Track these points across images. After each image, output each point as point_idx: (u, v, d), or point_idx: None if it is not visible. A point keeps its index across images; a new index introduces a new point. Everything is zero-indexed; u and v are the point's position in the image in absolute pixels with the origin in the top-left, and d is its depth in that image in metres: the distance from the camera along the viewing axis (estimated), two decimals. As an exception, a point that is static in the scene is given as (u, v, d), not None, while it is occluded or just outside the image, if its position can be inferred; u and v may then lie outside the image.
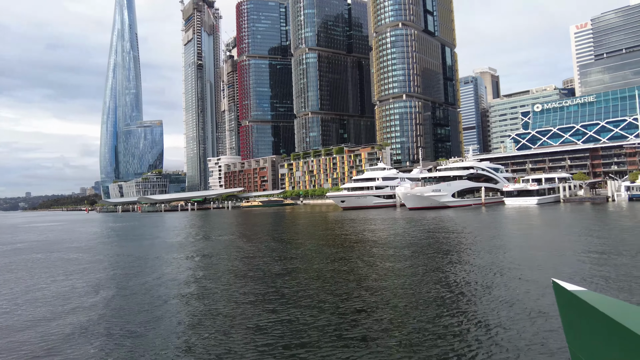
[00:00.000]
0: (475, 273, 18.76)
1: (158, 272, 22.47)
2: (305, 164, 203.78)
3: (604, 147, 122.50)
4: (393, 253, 26.12)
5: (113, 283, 19.98)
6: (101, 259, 29.67)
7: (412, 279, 18.17)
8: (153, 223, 79.54)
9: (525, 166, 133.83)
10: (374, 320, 12.51)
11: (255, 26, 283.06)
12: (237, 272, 21.72)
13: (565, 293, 3.54)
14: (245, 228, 55.70)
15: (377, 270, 20.57)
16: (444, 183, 75.23)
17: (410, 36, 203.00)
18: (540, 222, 45.13)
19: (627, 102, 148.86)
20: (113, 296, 17.21)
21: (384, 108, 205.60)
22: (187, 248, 33.98)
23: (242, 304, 15.04)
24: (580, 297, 3.35)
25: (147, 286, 18.85)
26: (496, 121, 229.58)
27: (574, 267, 19.05)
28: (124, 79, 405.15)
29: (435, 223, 48.11)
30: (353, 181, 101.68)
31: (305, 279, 19.16)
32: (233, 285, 18.46)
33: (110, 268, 25.08)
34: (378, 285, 17.23)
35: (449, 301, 14.33)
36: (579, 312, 3.38)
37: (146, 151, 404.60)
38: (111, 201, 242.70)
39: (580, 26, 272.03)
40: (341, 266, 22.11)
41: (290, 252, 28.76)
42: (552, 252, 23.61)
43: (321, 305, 14.33)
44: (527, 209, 66.11)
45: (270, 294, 16.39)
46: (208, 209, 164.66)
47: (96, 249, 36.74)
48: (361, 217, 64.78)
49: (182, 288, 18.18)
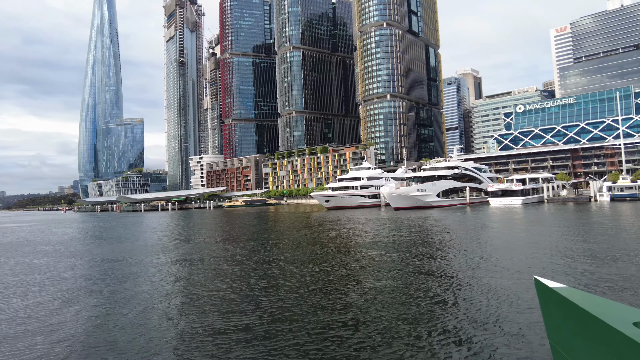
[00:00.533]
0: (462, 274, 18.58)
1: (131, 282, 20.62)
2: (289, 164, 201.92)
3: (584, 148, 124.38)
4: (379, 258, 24.79)
5: (80, 296, 18.03)
6: (69, 265, 27.54)
7: (399, 286, 16.84)
8: (131, 224, 76.76)
9: (508, 166, 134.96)
10: (360, 337, 11.08)
11: (239, 23, 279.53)
12: (218, 280, 20.06)
13: (546, 290, 3.64)
14: (227, 230, 53.82)
15: (362, 277, 19.20)
16: (429, 183, 74.62)
17: (394, 36, 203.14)
18: (525, 223, 44.58)
19: (605, 104, 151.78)
20: (78, 315, 15.32)
21: (368, 108, 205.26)
22: (164, 253, 32.06)
23: (224, 318, 13.43)
24: (560, 294, 3.46)
25: (117, 300, 17.03)
26: (479, 122, 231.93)
27: (559, 268, 19.06)
28: (103, 75, 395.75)
29: (421, 224, 47.14)
30: (338, 181, 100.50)
31: (287, 289, 17.64)
32: (212, 297, 16.82)
33: (79, 277, 23.07)
34: (364, 295, 15.84)
35: (435, 300, 14.30)
36: (559, 308, 3.48)
37: (126, 149, 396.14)
38: (89, 200, 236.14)
39: (560, 30, 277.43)
40: (325, 274, 20.65)
41: (271, 256, 27.20)
42: (537, 253, 23.30)
43: (303, 320, 12.83)
44: (511, 209, 65.90)
45: (249, 307, 14.82)
46: (189, 208, 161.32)
47: (65, 253, 34.43)
48: (346, 218, 63.53)
49: (158, 304, 16.41)
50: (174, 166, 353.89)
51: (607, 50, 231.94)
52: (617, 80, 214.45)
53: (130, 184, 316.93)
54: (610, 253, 22.17)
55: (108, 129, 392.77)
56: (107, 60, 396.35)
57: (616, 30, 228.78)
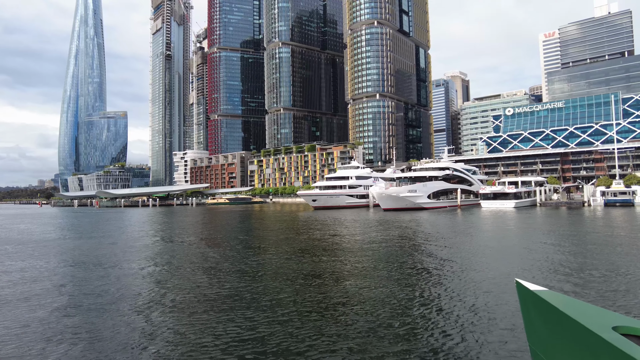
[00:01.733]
0: (454, 282, 17.85)
1: (93, 289, 17.17)
2: (276, 161, 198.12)
3: (574, 152, 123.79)
4: (369, 268, 21.79)
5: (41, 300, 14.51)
6: (24, 266, 23.83)
7: (392, 302, 13.83)
8: (105, 220, 72.40)
9: (497, 169, 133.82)
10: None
11: (228, 17, 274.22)
12: (193, 289, 16.75)
13: (527, 292, 3.66)
14: (204, 230, 50.30)
15: (351, 289, 16.16)
16: (420, 184, 71.98)
17: (385, 35, 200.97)
18: (518, 228, 42.14)
19: (593, 109, 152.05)
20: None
21: (357, 107, 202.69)
22: (139, 255, 28.50)
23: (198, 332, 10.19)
24: (541, 297, 3.47)
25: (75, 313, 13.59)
26: (467, 124, 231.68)
27: (553, 278, 18.13)
28: (86, 66, 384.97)
29: (412, 227, 44.39)
30: (325, 179, 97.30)
31: (268, 304, 14.45)
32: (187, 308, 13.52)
33: (34, 280, 19.48)
34: (350, 310, 12.89)
35: (422, 311, 13.69)
36: (539, 311, 3.49)
37: (109, 143, 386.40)
38: (67, 195, 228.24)
39: (548, 35, 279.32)
40: (309, 286, 17.53)
41: (253, 261, 23.96)
42: (532, 261, 22.10)
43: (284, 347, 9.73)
44: (504, 213, 63.77)
45: (224, 324, 11.61)
46: (171, 205, 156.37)
47: (24, 253, 30.57)
48: (333, 218, 60.51)
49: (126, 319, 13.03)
50: (158, 161, 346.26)
51: (593, 57, 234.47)
52: (602, 87, 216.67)
53: (112, 179, 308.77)
54: (606, 266, 20.47)
55: (90, 121, 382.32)
56: (91, 51, 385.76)
57: (603, 38, 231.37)
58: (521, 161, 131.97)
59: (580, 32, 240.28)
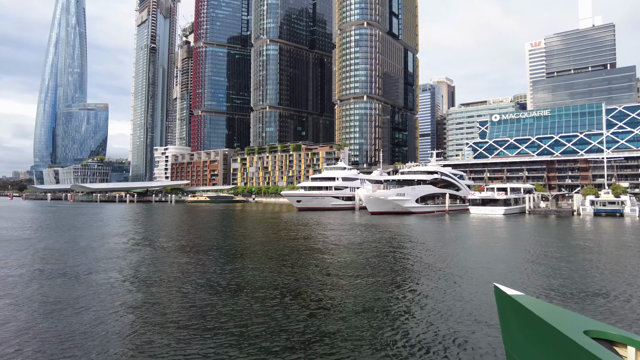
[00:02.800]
0: (440, 290, 16.95)
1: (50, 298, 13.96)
2: (260, 160, 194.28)
3: (559, 160, 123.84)
4: (355, 277, 19.07)
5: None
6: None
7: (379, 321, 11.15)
8: (75, 215, 67.98)
9: (483, 174, 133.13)
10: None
11: (215, 12, 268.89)
12: (150, 305, 13.66)
13: (504, 297, 3.69)
14: (181, 230, 46.91)
15: (336, 305, 13.40)
16: (408, 187, 69.75)
17: (374, 36, 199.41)
18: (509, 236, 40.09)
19: (578, 118, 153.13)
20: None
21: (344, 108, 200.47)
22: (105, 262, 25.17)
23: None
24: (517, 301, 3.50)
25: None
26: (453, 129, 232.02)
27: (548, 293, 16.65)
28: (67, 56, 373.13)
29: (402, 232, 41.92)
30: (311, 180, 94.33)
31: (235, 324, 11.55)
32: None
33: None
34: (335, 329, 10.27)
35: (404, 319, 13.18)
36: (515, 315, 3.53)
37: (88, 136, 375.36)
38: (40, 187, 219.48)
39: (534, 44, 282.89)
40: (284, 301, 14.70)
41: (223, 270, 20.96)
42: (528, 273, 20.91)
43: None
44: (493, 220, 61.98)
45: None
46: (149, 201, 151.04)
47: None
48: (318, 221, 57.68)
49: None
50: (138, 156, 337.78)
51: (577, 68, 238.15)
52: (585, 98, 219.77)
53: (90, 173, 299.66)
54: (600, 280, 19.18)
55: (69, 113, 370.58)
56: (72, 40, 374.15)
57: (587, 50, 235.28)
58: (507, 168, 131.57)
59: (565, 43, 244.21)
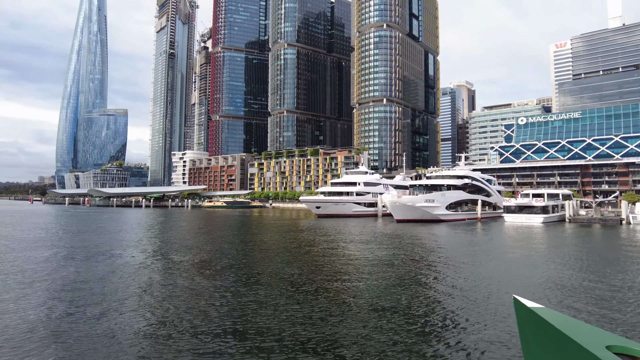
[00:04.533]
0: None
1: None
2: (277, 164, 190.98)
3: (595, 165, 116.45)
4: (388, 312, 14.64)
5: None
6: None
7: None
8: (89, 221, 65.22)
9: (511, 180, 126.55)
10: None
11: (233, 17, 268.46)
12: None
13: (524, 309, 3.63)
14: (194, 240, 43.11)
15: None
16: (438, 193, 64.64)
17: (394, 38, 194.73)
18: (557, 249, 34.85)
19: (612, 120, 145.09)
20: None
21: (363, 111, 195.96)
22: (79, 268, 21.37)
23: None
24: (537, 314, 3.45)
25: None
26: (476, 133, 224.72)
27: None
28: (88, 63, 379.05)
29: (435, 245, 37.17)
30: (331, 185, 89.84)
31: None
32: None
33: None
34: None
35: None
36: (535, 328, 3.47)
37: (108, 141, 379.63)
38: (59, 192, 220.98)
39: (559, 46, 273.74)
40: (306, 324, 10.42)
41: (237, 287, 16.79)
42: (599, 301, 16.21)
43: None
44: (531, 229, 56.51)
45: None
46: (166, 206, 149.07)
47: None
48: (340, 230, 53.26)
49: None
50: (157, 161, 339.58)
51: (606, 69, 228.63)
52: (616, 100, 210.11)
53: (109, 177, 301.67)
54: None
55: (90, 118, 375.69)
56: (94, 47, 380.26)
57: (617, 49, 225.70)
58: (537, 172, 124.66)
59: (592, 43, 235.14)
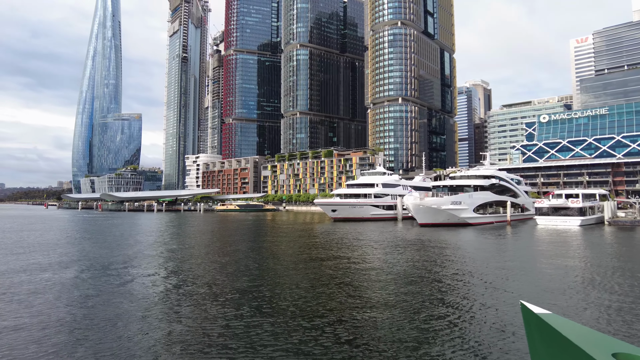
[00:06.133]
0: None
1: None
2: (291, 167, 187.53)
3: (628, 163, 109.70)
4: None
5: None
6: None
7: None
8: (93, 228, 62.33)
9: (535, 180, 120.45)
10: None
11: (245, 19, 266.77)
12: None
13: (531, 315, 3.59)
14: (203, 246, 39.38)
15: None
16: (464, 194, 59.85)
17: (409, 36, 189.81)
18: (604, 257, 30.02)
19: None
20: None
21: (377, 111, 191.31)
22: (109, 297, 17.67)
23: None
24: (544, 320, 3.42)
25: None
26: (495, 132, 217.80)
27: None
28: (103, 68, 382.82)
29: (466, 255, 32.68)
30: (347, 187, 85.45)
31: None
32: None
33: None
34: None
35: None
36: (542, 334, 3.45)
37: (123, 146, 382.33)
38: (73, 197, 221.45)
39: (580, 40, 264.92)
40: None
41: (261, 318, 12.80)
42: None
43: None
44: (568, 233, 51.45)
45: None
46: (178, 210, 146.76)
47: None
48: (358, 235, 49.03)
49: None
50: (171, 165, 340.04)
51: (632, 64, 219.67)
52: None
53: (124, 182, 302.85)
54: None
55: (105, 123, 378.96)
56: (108, 53, 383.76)
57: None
58: (564, 172, 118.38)
59: (615, 37, 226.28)
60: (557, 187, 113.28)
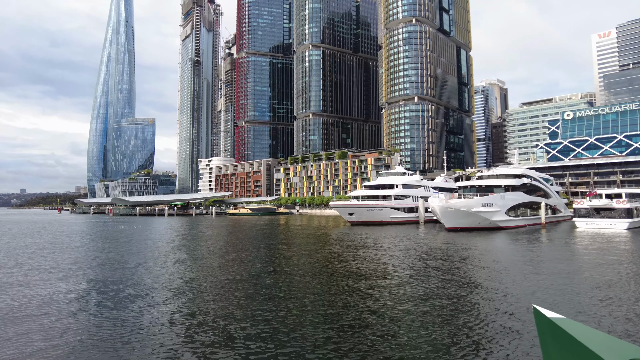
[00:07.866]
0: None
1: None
2: (304, 169, 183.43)
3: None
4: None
5: None
6: None
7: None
8: (94, 236, 58.96)
9: (563, 179, 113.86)
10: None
11: (257, 21, 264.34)
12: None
13: (544, 320, 3.52)
14: (209, 255, 35.23)
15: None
16: (496, 195, 54.70)
17: (424, 34, 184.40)
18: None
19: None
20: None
21: (392, 111, 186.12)
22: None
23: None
24: (557, 324, 3.35)
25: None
26: (514, 131, 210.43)
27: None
28: (117, 74, 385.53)
29: (506, 265, 27.79)
30: (364, 188, 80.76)
31: None
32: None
33: None
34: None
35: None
36: (555, 339, 3.38)
37: (137, 151, 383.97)
38: (86, 201, 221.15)
39: (603, 35, 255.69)
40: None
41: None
42: None
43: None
44: (614, 237, 45.95)
45: None
46: (190, 214, 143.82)
47: None
48: (378, 243, 44.40)
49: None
50: (184, 169, 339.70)
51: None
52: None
53: (138, 186, 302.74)
54: None
55: (119, 128, 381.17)
56: (122, 58, 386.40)
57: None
58: (594, 170, 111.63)
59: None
60: (587, 187, 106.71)
